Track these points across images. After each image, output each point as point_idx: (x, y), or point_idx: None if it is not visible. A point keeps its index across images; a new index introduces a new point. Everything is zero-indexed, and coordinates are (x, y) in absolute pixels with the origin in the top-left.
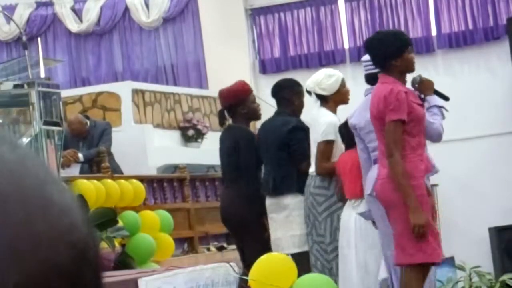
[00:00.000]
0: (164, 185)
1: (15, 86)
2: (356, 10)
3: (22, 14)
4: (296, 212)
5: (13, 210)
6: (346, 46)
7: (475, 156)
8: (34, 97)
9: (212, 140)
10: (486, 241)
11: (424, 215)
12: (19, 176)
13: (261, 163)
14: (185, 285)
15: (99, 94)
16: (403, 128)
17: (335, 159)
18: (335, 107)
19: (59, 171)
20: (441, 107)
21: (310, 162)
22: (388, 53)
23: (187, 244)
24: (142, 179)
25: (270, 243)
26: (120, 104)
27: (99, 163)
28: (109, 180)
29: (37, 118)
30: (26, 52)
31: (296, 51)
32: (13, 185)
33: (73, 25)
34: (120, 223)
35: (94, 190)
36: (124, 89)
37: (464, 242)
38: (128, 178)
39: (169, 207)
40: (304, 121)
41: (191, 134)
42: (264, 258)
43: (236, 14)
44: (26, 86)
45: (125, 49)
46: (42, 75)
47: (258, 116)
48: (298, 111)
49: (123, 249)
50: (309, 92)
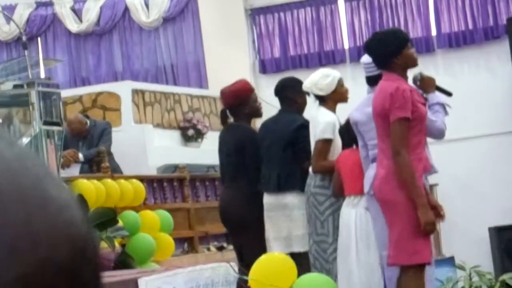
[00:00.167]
0: (164, 185)
1: (15, 86)
2: (356, 10)
3: (22, 14)
4: (299, 211)
5: (12, 209)
6: (346, 46)
7: (475, 156)
8: (34, 97)
9: (212, 140)
10: (486, 241)
11: (431, 213)
12: (17, 174)
13: (261, 162)
14: (185, 285)
15: (99, 94)
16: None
17: (333, 158)
18: (334, 106)
19: (59, 171)
20: (444, 104)
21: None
22: (388, 51)
23: (187, 244)
24: (142, 179)
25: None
26: (120, 104)
27: (99, 163)
28: (109, 180)
29: (37, 118)
30: (26, 52)
31: (296, 51)
32: (11, 183)
33: (73, 25)
34: (120, 223)
35: (94, 190)
36: (124, 89)
37: (464, 242)
38: (128, 178)
39: (169, 207)
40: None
41: (191, 134)
42: (264, 258)
43: (236, 14)
44: (26, 86)
45: (125, 49)
46: (42, 75)
47: (260, 114)
48: (301, 109)
49: (123, 249)
50: (307, 93)
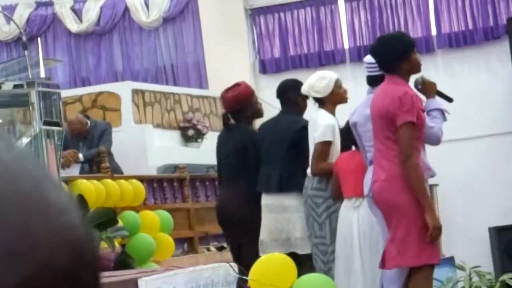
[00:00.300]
0: (164, 185)
1: (15, 86)
2: (356, 10)
3: (22, 14)
4: (298, 214)
5: (10, 212)
6: (346, 46)
7: (475, 156)
8: (34, 97)
9: (212, 140)
10: (486, 241)
11: (438, 218)
12: (16, 177)
13: (261, 163)
14: (185, 285)
15: (99, 94)
16: None
17: (332, 160)
18: (333, 107)
19: (59, 171)
20: (442, 110)
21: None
22: (394, 55)
23: (187, 244)
24: (142, 179)
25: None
26: (120, 104)
27: (99, 163)
28: (109, 180)
29: (37, 118)
30: (26, 52)
31: (296, 51)
32: (10, 186)
33: (73, 25)
34: (120, 223)
35: (94, 190)
36: (124, 89)
37: (464, 242)
38: (128, 178)
39: (169, 207)
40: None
41: (191, 134)
42: (264, 258)
43: (236, 14)
44: (26, 86)
45: (125, 49)
46: (42, 75)
47: (262, 114)
48: (302, 111)
49: (123, 249)
50: (306, 96)
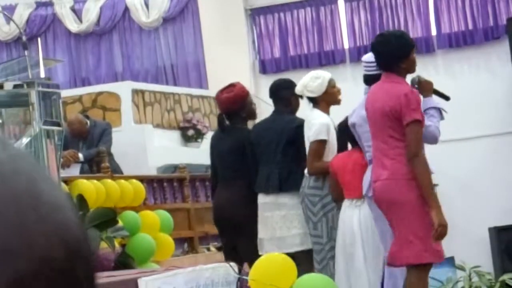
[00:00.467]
0: (164, 185)
1: (15, 86)
2: (356, 10)
3: (22, 14)
4: (295, 211)
5: (4, 210)
6: (346, 46)
7: (475, 156)
8: (34, 97)
9: None
10: (486, 241)
11: (443, 215)
12: (10, 176)
13: (258, 164)
14: (185, 285)
15: (99, 94)
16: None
17: (327, 159)
18: (327, 107)
19: (59, 171)
20: (440, 108)
21: None
22: (396, 55)
23: (187, 244)
24: (142, 179)
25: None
26: (120, 104)
27: (99, 163)
28: (109, 180)
29: (37, 118)
30: (26, 52)
31: (296, 51)
32: (4, 185)
33: (73, 25)
34: (120, 223)
35: (94, 190)
36: (124, 89)
37: (464, 242)
38: (128, 178)
39: (169, 207)
40: None
41: (191, 134)
42: (264, 258)
43: (236, 14)
44: (26, 86)
45: (125, 49)
46: (42, 75)
47: (256, 116)
48: (295, 111)
49: (123, 249)
50: (300, 96)
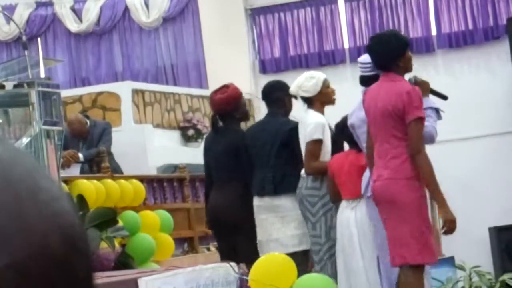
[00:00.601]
0: (164, 185)
1: (15, 86)
2: (356, 10)
3: (22, 14)
4: (293, 212)
5: (2, 198)
6: (346, 46)
7: (475, 156)
8: (34, 97)
9: None
10: (486, 241)
11: (451, 211)
12: (7, 166)
13: (252, 165)
14: (185, 285)
15: (99, 94)
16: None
17: (323, 159)
18: (322, 107)
19: (59, 171)
20: (437, 108)
21: None
22: (392, 54)
23: (187, 244)
24: (142, 179)
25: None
26: (120, 104)
27: (99, 163)
28: (109, 180)
29: (37, 118)
30: (26, 52)
31: (296, 51)
32: (2, 174)
33: (73, 25)
34: (120, 223)
35: (94, 190)
36: (124, 89)
37: (464, 242)
38: (128, 178)
39: (169, 207)
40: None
41: (191, 134)
42: (264, 258)
43: (236, 14)
44: (26, 86)
45: (125, 49)
46: (42, 75)
47: (249, 117)
48: (288, 113)
49: (123, 249)
50: (295, 97)
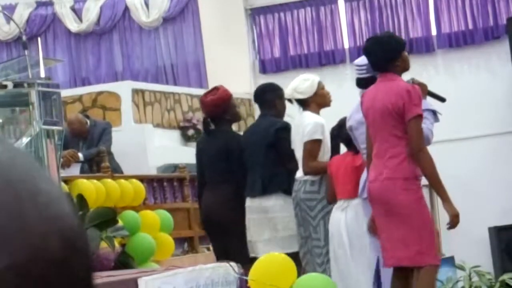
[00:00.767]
0: (164, 185)
1: (15, 86)
2: (356, 10)
3: (22, 14)
4: (281, 214)
5: (2, 199)
6: (346, 46)
7: (475, 156)
8: (34, 97)
9: None
10: (486, 241)
11: (454, 206)
12: (7, 168)
13: (245, 167)
14: (185, 285)
15: (99, 94)
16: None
17: (322, 159)
18: (318, 110)
19: (59, 171)
20: (434, 110)
21: (297, 163)
22: (390, 55)
23: (187, 244)
24: (142, 179)
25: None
26: (120, 104)
27: (99, 163)
28: (109, 180)
29: (37, 118)
30: (26, 52)
31: (296, 51)
32: (1, 175)
33: (73, 25)
34: (120, 223)
35: (94, 190)
36: (124, 89)
37: (464, 242)
38: (128, 178)
39: (169, 207)
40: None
41: (191, 134)
42: (264, 258)
43: (236, 14)
44: (26, 86)
45: (125, 49)
46: (42, 75)
47: (239, 118)
48: (281, 113)
49: (123, 249)
50: (290, 100)
